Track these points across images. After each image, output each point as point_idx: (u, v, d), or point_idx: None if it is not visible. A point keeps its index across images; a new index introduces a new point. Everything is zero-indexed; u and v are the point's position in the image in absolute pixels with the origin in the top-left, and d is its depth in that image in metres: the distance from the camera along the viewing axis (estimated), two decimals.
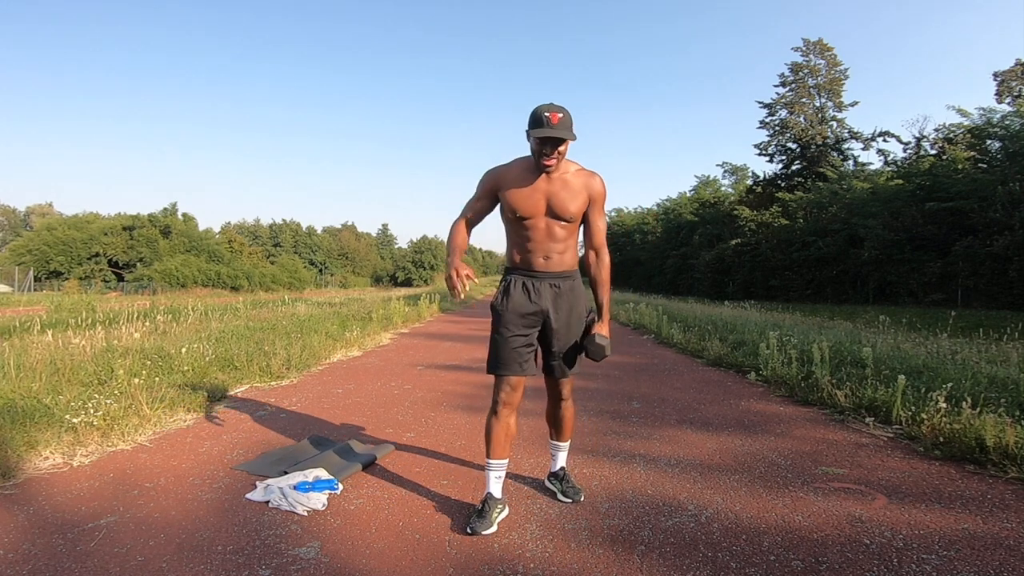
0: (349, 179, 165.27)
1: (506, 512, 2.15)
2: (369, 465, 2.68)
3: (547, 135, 1.90)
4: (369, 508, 2.20)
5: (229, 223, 71.20)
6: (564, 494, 2.28)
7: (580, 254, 2.27)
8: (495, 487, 2.12)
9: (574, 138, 1.94)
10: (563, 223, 2.08)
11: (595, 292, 2.23)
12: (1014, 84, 26.18)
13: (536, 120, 1.93)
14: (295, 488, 2.25)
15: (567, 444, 2.38)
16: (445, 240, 2.26)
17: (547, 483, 2.40)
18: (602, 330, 2.16)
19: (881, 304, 20.07)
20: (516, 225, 2.11)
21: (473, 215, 2.21)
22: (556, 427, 2.34)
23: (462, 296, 2.01)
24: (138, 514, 2.12)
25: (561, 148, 1.97)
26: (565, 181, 2.06)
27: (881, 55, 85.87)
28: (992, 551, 1.83)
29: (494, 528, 2.03)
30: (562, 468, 2.37)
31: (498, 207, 2.19)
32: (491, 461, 2.13)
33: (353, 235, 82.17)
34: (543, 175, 2.04)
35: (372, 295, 20.96)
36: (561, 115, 1.91)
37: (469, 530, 1.99)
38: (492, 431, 2.11)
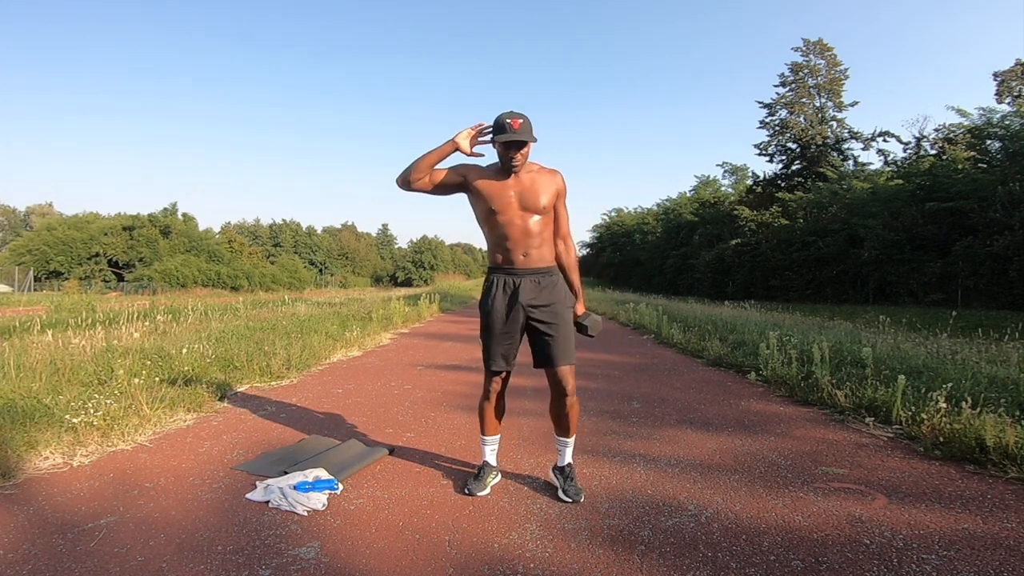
0: (349, 179, 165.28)
1: (499, 478, 2.47)
2: (369, 464, 2.68)
3: (511, 139, 2.09)
4: (369, 508, 2.20)
5: (229, 223, 71.35)
6: (565, 492, 2.28)
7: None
8: (491, 457, 2.46)
9: (535, 140, 2.13)
10: (536, 216, 2.23)
11: (567, 277, 2.40)
12: (1014, 84, 26.18)
13: (499, 127, 2.12)
14: (295, 488, 2.25)
15: (572, 440, 2.37)
16: (407, 172, 2.22)
17: (551, 474, 2.41)
18: (580, 309, 2.41)
19: (881, 304, 20.08)
20: (492, 223, 2.25)
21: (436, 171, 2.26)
22: (560, 423, 2.35)
23: (483, 124, 2.21)
24: (138, 514, 2.12)
25: (524, 150, 2.15)
26: (532, 178, 2.23)
27: (881, 55, 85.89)
28: (992, 551, 1.83)
29: (487, 491, 2.35)
30: (569, 464, 2.36)
31: (472, 212, 2.33)
32: (486, 437, 2.43)
33: (353, 235, 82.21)
34: (511, 175, 2.21)
35: (372, 295, 20.97)
36: (521, 120, 2.11)
37: (466, 491, 2.33)
38: (485, 412, 2.40)
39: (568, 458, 2.37)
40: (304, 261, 67.24)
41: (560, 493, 2.30)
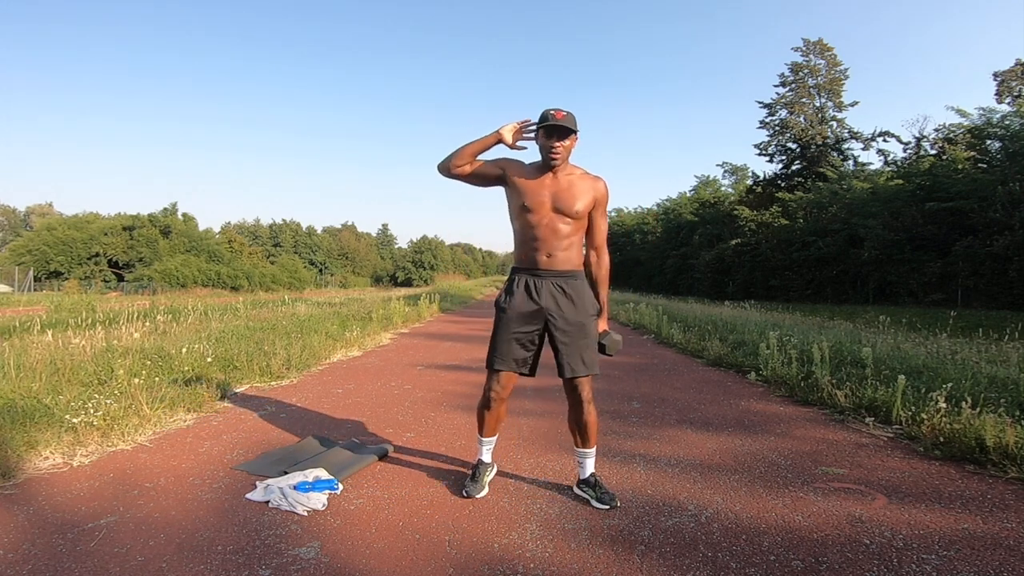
0: (349, 179, 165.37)
1: (495, 471, 2.47)
2: (369, 464, 2.68)
3: (553, 124, 2.10)
4: (369, 508, 2.20)
5: (229, 223, 71.31)
6: (600, 501, 2.20)
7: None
8: (486, 455, 2.42)
9: (577, 130, 2.14)
10: (568, 220, 2.20)
11: (595, 290, 2.35)
12: (1014, 84, 26.18)
13: (543, 118, 2.14)
14: (295, 488, 2.25)
15: (593, 450, 2.32)
16: (449, 159, 2.23)
17: (577, 490, 2.31)
18: (602, 326, 2.31)
19: (881, 304, 20.08)
20: (522, 221, 2.22)
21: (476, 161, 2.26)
22: (581, 434, 2.28)
23: (528, 120, 2.22)
24: (138, 514, 2.12)
25: (566, 142, 2.14)
26: (571, 182, 2.21)
27: (881, 55, 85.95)
28: (992, 551, 1.84)
29: (485, 491, 2.33)
30: (592, 474, 2.30)
31: (505, 205, 2.30)
32: (483, 438, 2.40)
33: (353, 235, 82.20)
34: (551, 174, 2.20)
35: (372, 295, 20.94)
36: (565, 113, 2.13)
37: (464, 493, 2.29)
38: (484, 418, 2.34)
39: (591, 468, 2.31)
40: (304, 261, 67.22)
41: (595, 504, 2.21)
